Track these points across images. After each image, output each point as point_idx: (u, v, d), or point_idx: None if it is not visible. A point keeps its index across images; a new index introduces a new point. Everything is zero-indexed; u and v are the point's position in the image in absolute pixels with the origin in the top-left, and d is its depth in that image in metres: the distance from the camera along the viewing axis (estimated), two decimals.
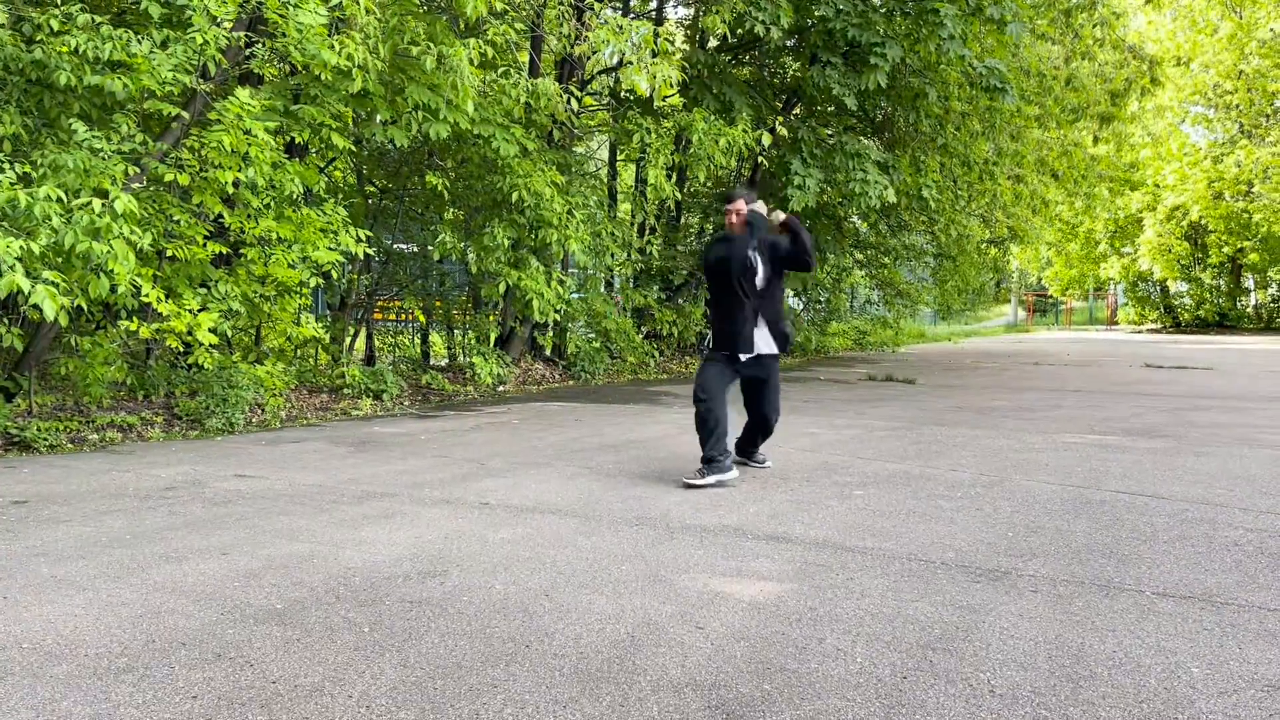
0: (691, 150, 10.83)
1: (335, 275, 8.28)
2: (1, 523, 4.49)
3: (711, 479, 5.49)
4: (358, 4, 7.27)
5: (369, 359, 11.42)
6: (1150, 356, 19.03)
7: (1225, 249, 33.16)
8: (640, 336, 13.77)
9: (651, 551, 4.13)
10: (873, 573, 3.83)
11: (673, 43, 9.53)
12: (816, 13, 11.67)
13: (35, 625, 3.12)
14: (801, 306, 19.17)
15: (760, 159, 12.77)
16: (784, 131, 11.66)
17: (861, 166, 12.42)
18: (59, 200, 5.88)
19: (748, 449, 6.20)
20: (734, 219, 5.74)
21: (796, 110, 14.70)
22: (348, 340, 10.99)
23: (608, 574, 3.78)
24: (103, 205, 6.00)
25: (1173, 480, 5.77)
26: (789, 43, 13.55)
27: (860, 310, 22.79)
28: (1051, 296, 43.84)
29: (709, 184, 15.76)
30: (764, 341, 5.82)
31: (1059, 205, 21.57)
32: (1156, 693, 2.70)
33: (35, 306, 5.45)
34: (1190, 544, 4.29)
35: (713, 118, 10.93)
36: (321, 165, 10.42)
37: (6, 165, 5.91)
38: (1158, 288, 37.34)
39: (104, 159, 6.48)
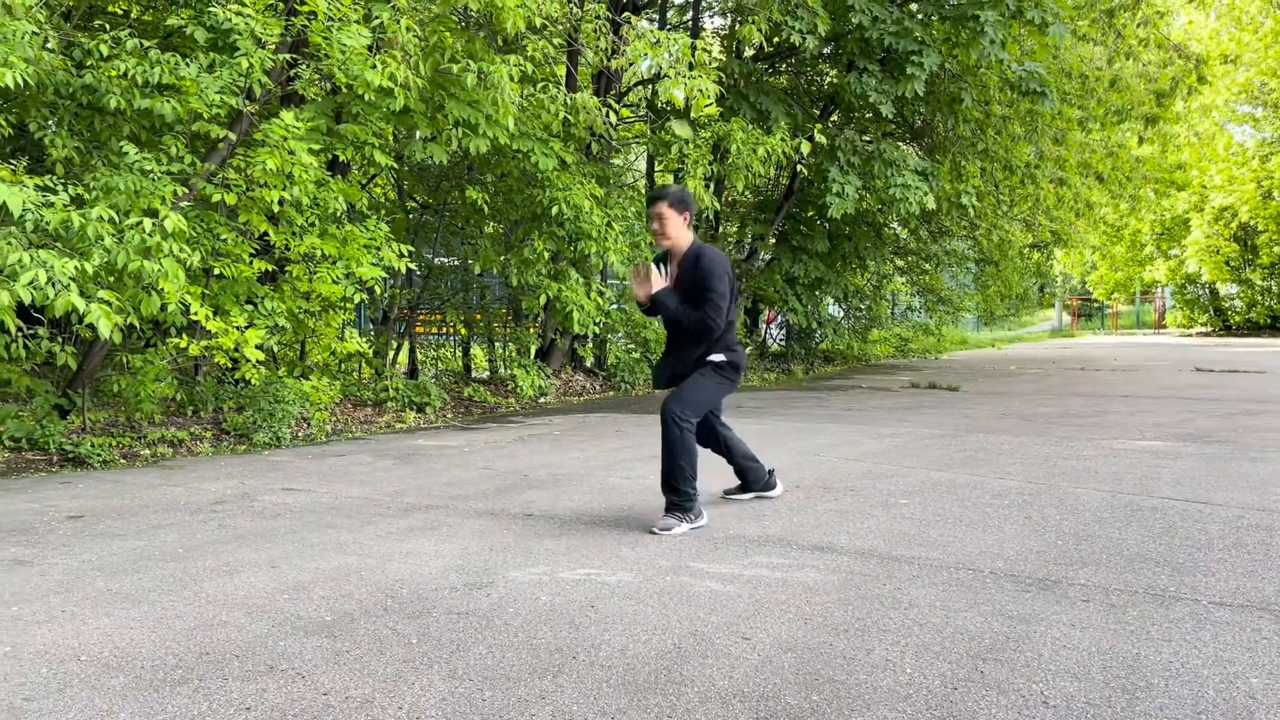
0: (730, 160, 10.83)
1: (378, 290, 8.38)
2: (58, 537, 4.58)
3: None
4: (398, 24, 7.37)
5: (412, 372, 11.53)
6: (1200, 360, 18.68)
7: (1276, 249, 32.49)
8: None
9: (696, 561, 4.12)
10: (920, 583, 3.79)
11: (710, 52, 9.54)
12: (853, 20, 11.64)
13: (92, 638, 3.18)
14: (842, 314, 19.06)
15: (799, 167, 12.74)
16: (822, 139, 11.62)
17: (900, 173, 12.35)
18: (111, 221, 6.01)
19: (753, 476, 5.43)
20: (655, 227, 4.82)
21: (834, 117, 14.65)
22: (391, 354, 11.11)
23: (653, 584, 3.78)
24: (153, 225, 6.12)
25: (1227, 486, 5.66)
26: (825, 50, 13.52)
27: (901, 317, 22.61)
28: (1097, 300, 43.22)
29: (747, 193, 15.75)
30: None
31: (1103, 208, 21.28)
32: (1215, 704, 2.65)
33: (90, 326, 5.57)
34: (1246, 551, 4.21)
35: (750, 127, 10.93)
36: (364, 182, 10.56)
37: (60, 187, 6.05)
38: (1206, 290, 36.64)
39: (154, 180, 6.61)
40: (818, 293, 15.80)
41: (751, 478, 5.38)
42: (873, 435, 8.11)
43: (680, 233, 4.78)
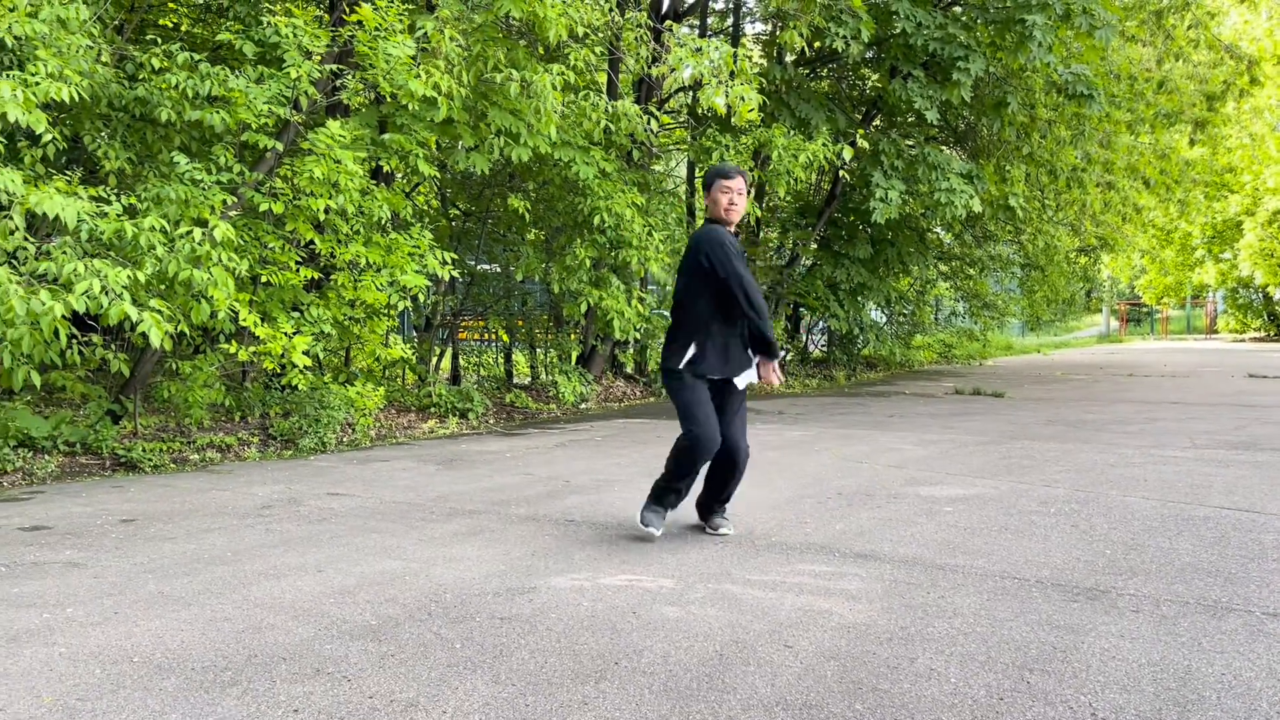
0: (771, 166, 10.79)
1: (421, 297, 8.46)
2: (111, 540, 4.68)
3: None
4: (442, 34, 7.45)
5: (454, 378, 11.62)
6: (1254, 366, 18.29)
7: None
8: None
9: (737, 569, 4.11)
10: (965, 591, 3.76)
11: (750, 58, 9.52)
12: (896, 26, 11.57)
13: (145, 639, 3.25)
14: (885, 319, 18.91)
15: (841, 172, 12.68)
16: (864, 144, 11.55)
17: (945, 177, 12.25)
18: (162, 230, 6.13)
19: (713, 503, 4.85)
20: (735, 204, 4.54)
21: (876, 121, 14.56)
22: (434, 360, 11.21)
23: (694, 591, 3.78)
24: (203, 234, 6.24)
25: None
26: (868, 54, 13.45)
27: (945, 323, 22.38)
28: (1146, 305, 42.47)
29: (788, 198, 15.69)
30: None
31: (1152, 211, 20.92)
32: (1269, 717, 2.59)
33: (142, 334, 5.68)
34: None
35: (792, 133, 10.89)
36: (407, 190, 10.67)
37: (113, 198, 6.19)
38: (1260, 294, 35.85)
39: (204, 189, 6.74)
40: (860, 298, 15.70)
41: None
42: (916, 442, 8.04)
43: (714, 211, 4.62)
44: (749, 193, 4.62)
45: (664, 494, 4.61)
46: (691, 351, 4.52)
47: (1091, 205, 16.84)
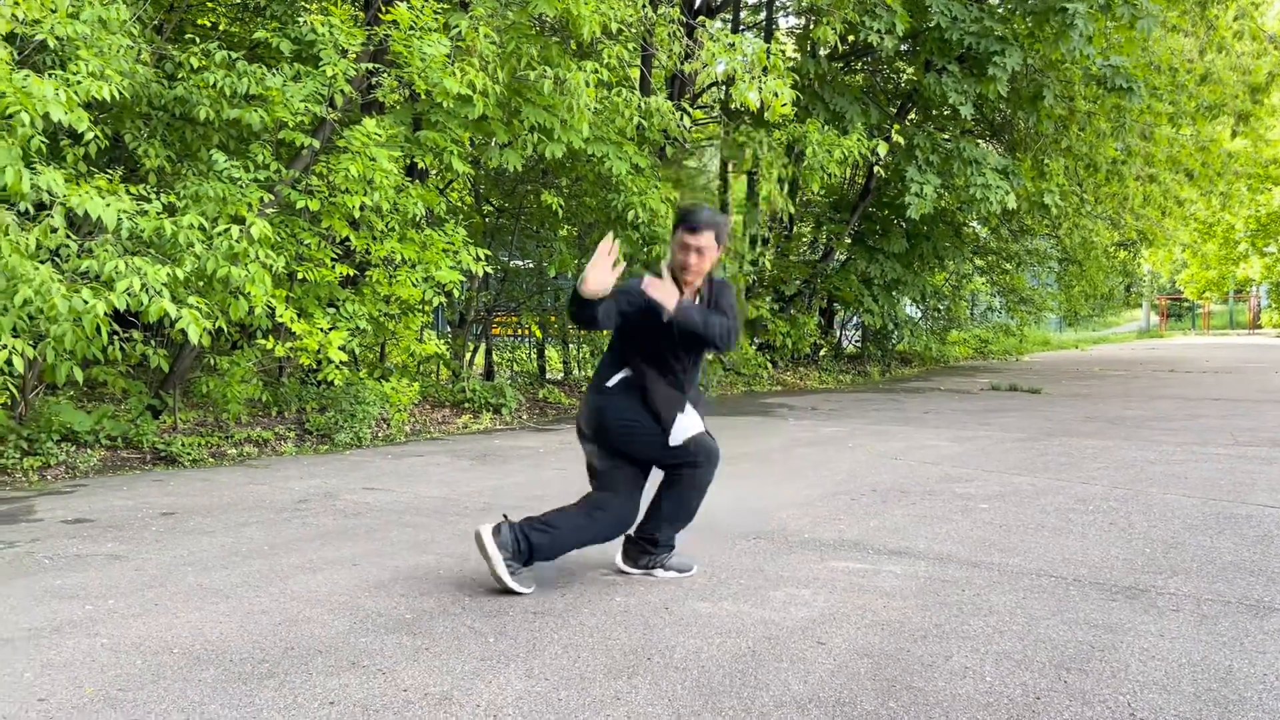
0: (805, 162, 10.73)
1: (455, 293, 8.51)
2: (151, 533, 4.75)
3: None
4: (477, 32, 7.48)
5: (488, 374, 11.67)
6: None
7: None
8: (753, 348, 13.70)
9: (771, 565, 4.10)
10: (1000, 589, 3.72)
11: (784, 53, 9.47)
12: (931, 19, 11.46)
13: (184, 631, 3.30)
14: (920, 315, 18.75)
15: (876, 168, 12.59)
16: (899, 140, 11.45)
17: (981, 172, 12.12)
18: (200, 228, 6.21)
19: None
20: (690, 266, 3.86)
21: (911, 115, 14.44)
22: (467, 356, 11.26)
23: (727, 588, 3.78)
24: (240, 231, 6.31)
25: None
26: (903, 48, 13.34)
27: (981, 318, 22.16)
28: (1187, 300, 41.80)
29: (822, 193, 15.60)
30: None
31: (1194, 204, 20.58)
32: None
33: (181, 330, 5.76)
34: None
35: (826, 129, 10.82)
36: (441, 187, 10.73)
37: (153, 196, 6.27)
38: None
39: (241, 187, 6.82)
40: (895, 293, 15.58)
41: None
42: (951, 438, 7.97)
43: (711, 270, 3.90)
44: (722, 243, 3.89)
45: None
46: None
47: (1132, 198, 16.59)
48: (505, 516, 3.83)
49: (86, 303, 5.31)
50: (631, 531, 3.96)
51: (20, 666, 2.97)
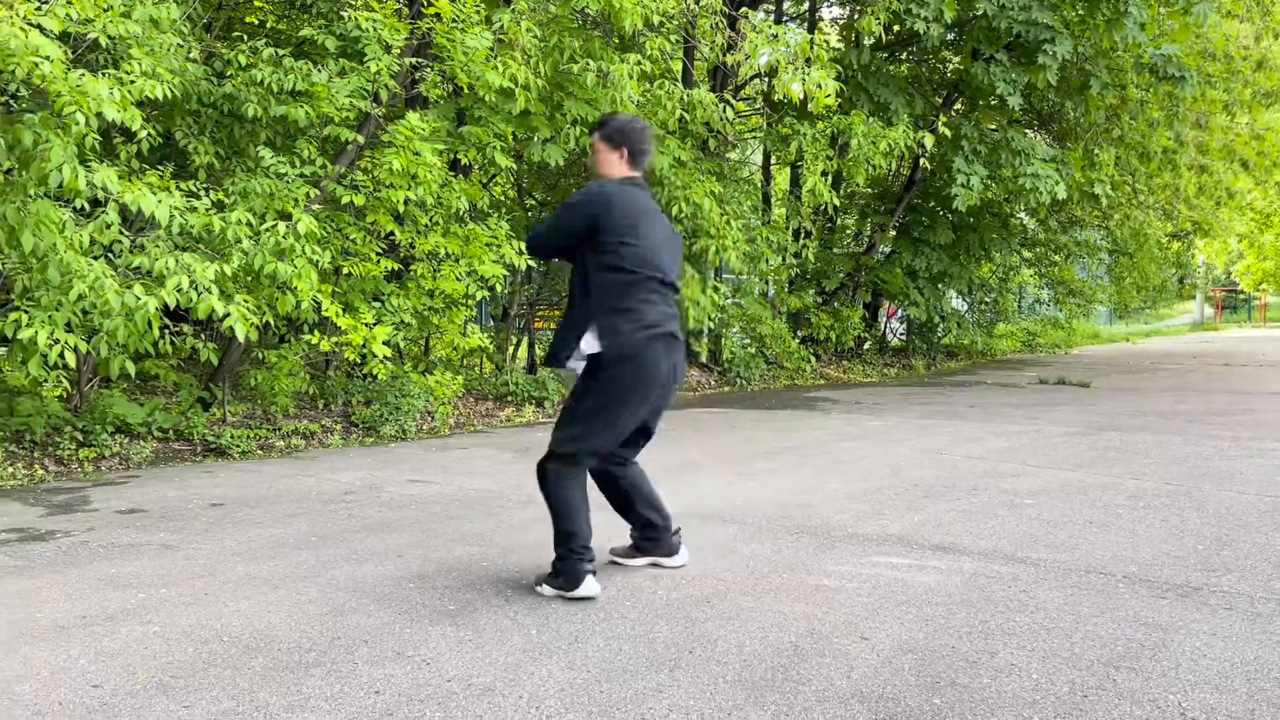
0: (850, 155, 10.63)
1: (498, 287, 8.56)
2: (202, 523, 4.84)
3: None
4: (519, 25, 7.50)
5: (530, 367, 11.73)
6: None
7: None
8: (796, 341, 13.62)
9: (813, 559, 4.08)
10: (1047, 586, 3.67)
11: (829, 44, 9.39)
12: (978, 6, 11.30)
13: (234, 620, 3.35)
14: (966, 307, 18.53)
15: (921, 159, 12.44)
16: (946, 131, 11.30)
17: (1029, 162, 11.94)
18: (248, 224, 6.31)
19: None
20: (590, 162, 3.88)
21: (957, 105, 14.25)
22: (510, 349, 11.33)
23: (768, 582, 3.76)
24: (287, 227, 6.39)
25: None
26: (949, 36, 13.17)
27: (1029, 311, 21.84)
28: (1243, 292, 40.88)
29: (867, 185, 15.45)
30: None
31: (1250, 194, 20.09)
32: None
33: (230, 327, 5.85)
34: None
35: (871, 120, 10.71)
36: (484, 181, 10.78)
37: (202, 192, 6.38)
38: None
39: (288, 183, 6.91)
40: (940, 286, 15.40)
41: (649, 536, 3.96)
42: (997, 433, 7.87)
43: (608, 171, 3.76)
44: (611, 142, 3.76)
45: None
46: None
47: (1185, 188, 16.25)
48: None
49: (138, 299, 5.41)
50: (636, 531, 3.97)
51: (76, 653, 3.05)
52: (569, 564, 3.55)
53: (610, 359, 3.53)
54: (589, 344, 3.56)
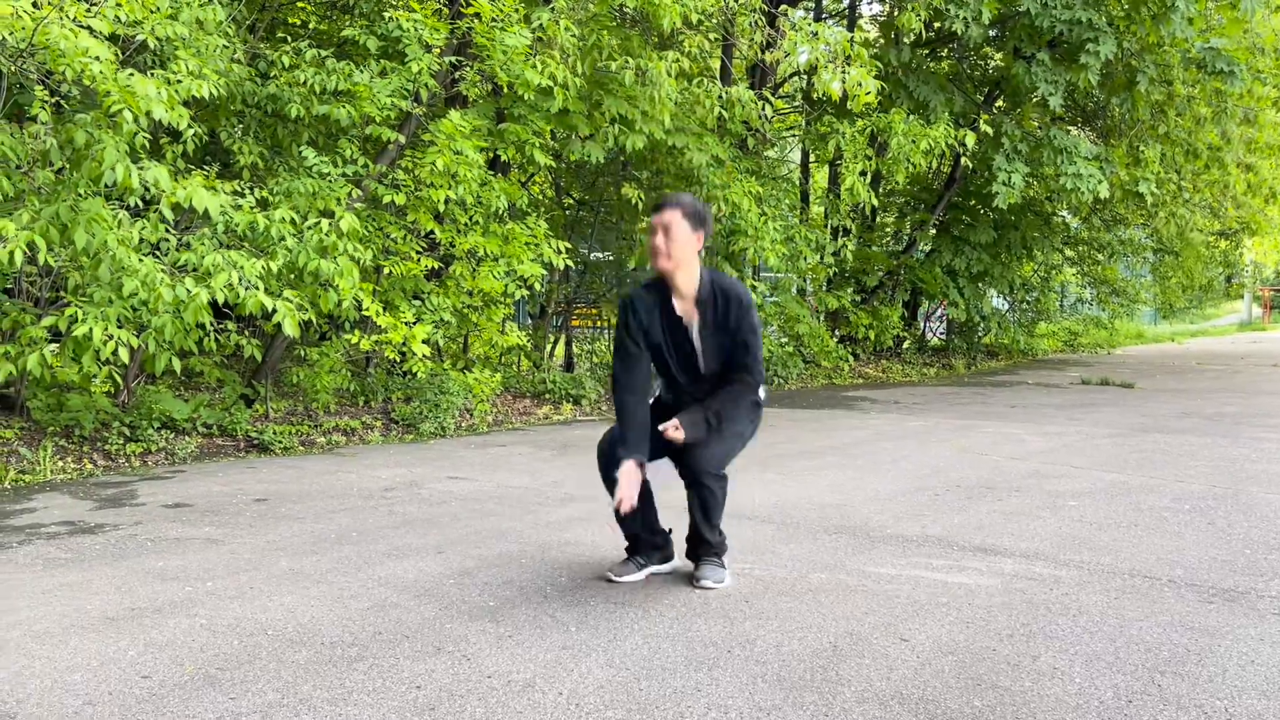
0: (889, 154, 10.55)
1: (537, 286, 8.61)
2: (246, 518, 4.91)
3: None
4: (558, 24, 7.53)
5: (568, 365, 11.77)
6: None
7: None
8: (834, 340, 13.55)
9: (852, 560, 4.06)
10: (1090, 589, 3.63)
11: (869, 42, 9.32)
12: (1021, 4, 11.16)
13: (278, 614, 3.40)
14: (1007, 306, 18.32)
15: (963, 159, 12.32)
16: (987, 129, 11.18)
17: (1072, 160, 11.77)
18: (291, 222, 6.39)
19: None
20: (659, 241, 3.63)
21: (999, 103, 14.10)
22: (548, 347, 11.37)
23: (808, 582, 3.75)
24: (330, 225, 6.47)
25: None
26: (991, 34, 13.02)
27: (1071, 310, 21.54)
28: None
29: (906, 183, 15.33)
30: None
31: None
32: None
33: (276, 323, 5.94)
34: None
35: (911, 119, 10.63)
36: (523, 180, 10.84)
37: (247, 191, 6.47)
38: None
39: (330, 182, 6.99)
40: (981, 285, 15.24)
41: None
42: (1039, 433, 7.78)
43: (688, 256, 3.65)
44: (693, 222, 3.66)
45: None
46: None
47: (1234, 186, 15.95)
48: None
49: (190, 291, 5.51)
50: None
51: (125, 644, 3.11)
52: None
53: None
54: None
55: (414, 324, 7.35)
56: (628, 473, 3.57)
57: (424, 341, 7.31)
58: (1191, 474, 5.93)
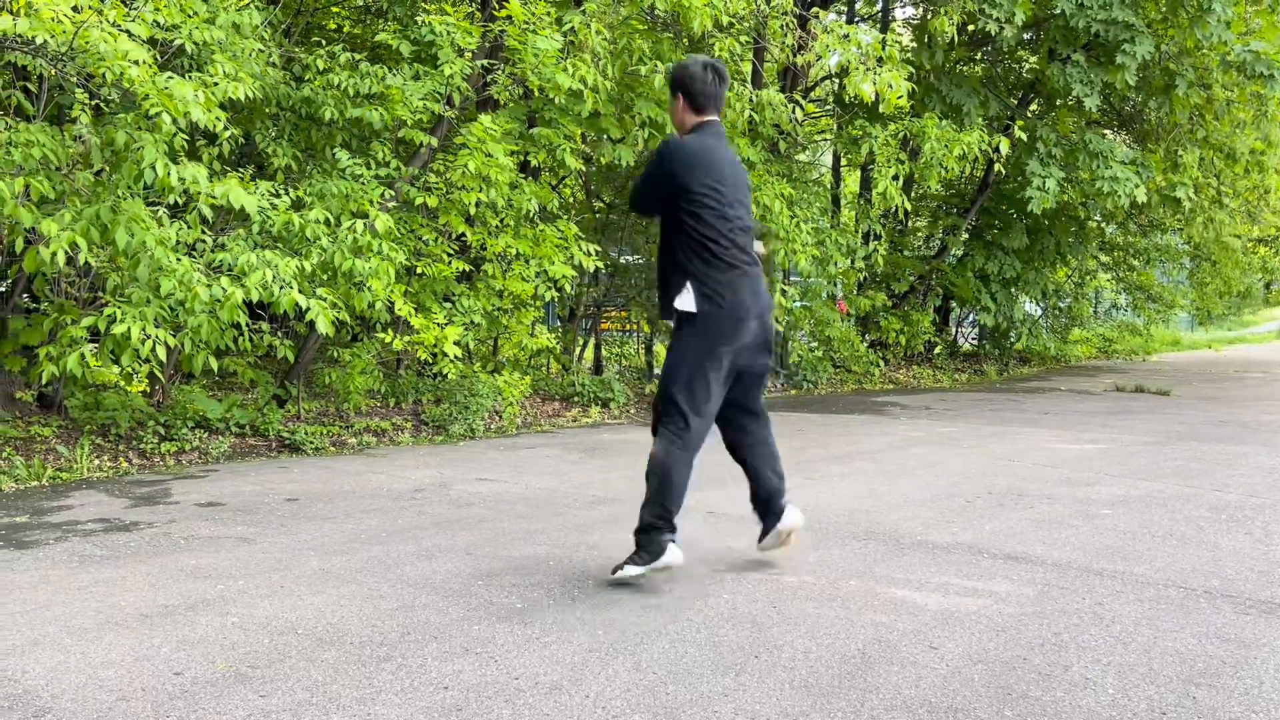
0: (922, 159, 10.47)
1: (567, 288, 8.63)
2: (277, 518, 4.96)
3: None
4: (589, 28, 7.55)
5: (596, 368, 11.79)
6: None
7: None
8: (864, 345, 13.48)
9: (881, 567, 4.04)
10: (1124, 599, 3.58)
11: (900, 43, 9.26)
12: (1055, 6, 11.06)
13: (308, 613, 3.43)
14: (1040, 312, 18.13)
15: (996, 165, 12.21)
16: (1021, 134, 11.08)
17: (1108, 164, 11.63)
18: (325, 223, 6.45)
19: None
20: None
21: (1033, 106, 13.97)
22: (577, 350, 11.39)
23: (836, 588, 3.73)
24: (364, 226, 6.53)
25: None
26: (1025, 36, 12.91)
27: (1105, 316, 21.28)
28: None
29: (939, 187, 15.22)
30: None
31: None
32: None
33: (309, 322, 5.99)
34: None
35: (944, 123, 10.54)
36: (554, 183, 10.87)
37: (282, 192, 6.54)
38: None
39: (363, 184, 7.05)
40: (1013, 290, 15.10)
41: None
42: (1072, 440, 7.70)
43: (676, 120, 3.79)
44: (678, 90, 3.77)
45: None
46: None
47: (1274, 191, 15.70)
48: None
49: (225, 290, 5.57)
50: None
51: (158, 641, 3.14)
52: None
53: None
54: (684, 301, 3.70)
55: (446, 326, 7.40)
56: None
57: (455, 343, 7.35)
58: (1229, 483, 5.84)
